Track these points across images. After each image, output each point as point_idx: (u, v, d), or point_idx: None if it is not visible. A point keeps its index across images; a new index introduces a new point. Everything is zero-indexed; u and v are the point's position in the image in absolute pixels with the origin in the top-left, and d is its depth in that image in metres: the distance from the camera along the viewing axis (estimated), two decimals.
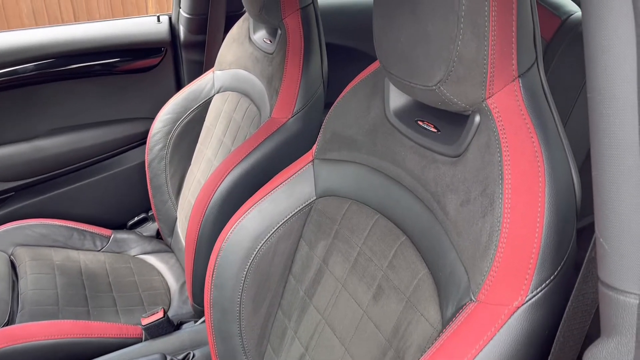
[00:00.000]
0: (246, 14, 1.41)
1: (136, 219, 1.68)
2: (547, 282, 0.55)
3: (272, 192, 0.92)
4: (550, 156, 0.57)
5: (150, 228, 1.67)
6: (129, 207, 1.69)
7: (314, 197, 0.91)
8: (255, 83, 1.32)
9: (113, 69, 1.58)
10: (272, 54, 1.26)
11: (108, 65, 1.57)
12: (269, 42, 1.31)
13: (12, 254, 1.41)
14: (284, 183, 0.92)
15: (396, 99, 0.77)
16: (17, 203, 1.57)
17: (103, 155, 1.64)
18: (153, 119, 1.67)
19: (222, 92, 1.45)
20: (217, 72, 1.47)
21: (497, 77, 0.60)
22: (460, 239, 0.62)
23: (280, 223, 0.91)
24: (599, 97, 0.43)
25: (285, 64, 1.18)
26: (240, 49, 1.40)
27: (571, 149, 0.60)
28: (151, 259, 1.56)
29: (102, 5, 3.53)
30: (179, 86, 1.69)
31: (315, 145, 0.93)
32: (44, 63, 1.50)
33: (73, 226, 1.53)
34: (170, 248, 1.59)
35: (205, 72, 1.62)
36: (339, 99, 0.88)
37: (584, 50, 0.44)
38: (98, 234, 1.56)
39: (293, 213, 0.91)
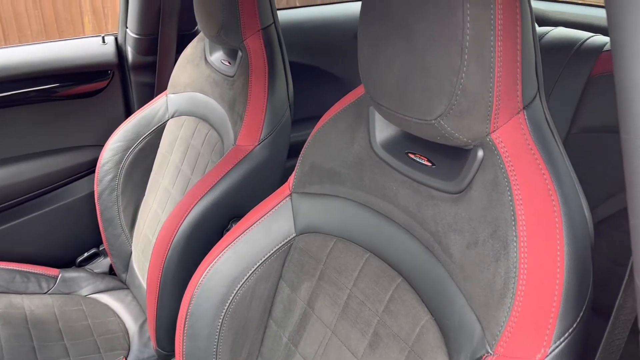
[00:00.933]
0: (200, 35, 1.33)
1: (86, 254, 1.56)
2: (569, 331, 0.51)
3: (247, 231, 0.85)
4: (563, 193, 0.54)
5: (102, 264, 1.55)
6: (77, 243, 1.56)
7: (294, 235, 0.84)
8: (215, 107, 1.24)
9: (54, 94, 1.46)
10: (232, 77, 1.18)
11: (49, 91, 1.44)
12: (228, 64, 1.24)
13: None
14: (259, 221, 0.85)
15: (383, 129, 0.72)
16: None
17: (46, 188, 1.51)
18: (101, 146, 1.56)
19: (177, 116, 1.37)
20: (171, 96, 1.38)
21: (502, 110, 0.56)
22: (469, 284, 0.58)
23: (258, 264, 0.84)
24: (637, 139, 0.39)
25: (249, 89, 1.11)
26: (196, 71, 1.31)
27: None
28: (105, 298, 1.44)
29: (34, 22, 3.33)
30: (128, 111, 1.58)
31: (291, 177, 0.86)
32: None
33: (15, 268, 1.40)
34: (125, 284, 1.47)
35: (157, 95, 1.52)
36: (317, 128, 0.82)
37: (616, 87, 0.40)
38: (44, 275, 1.42)
39: (271, 252, 0.84)
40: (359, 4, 1.88)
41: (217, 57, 1.28)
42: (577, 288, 0.52)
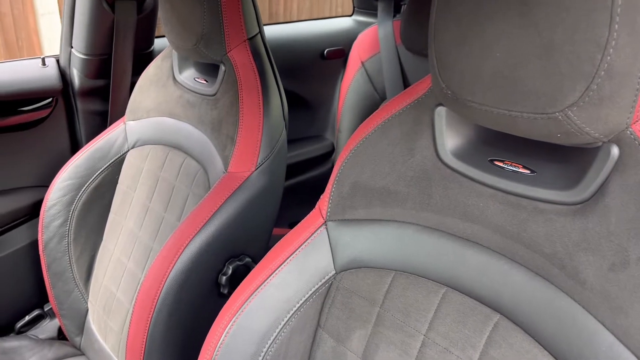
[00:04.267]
0: (165, 51, 1.16)
1: (27, 318, 1.30)
2: None
3: (276, 272, 0.69)
4: None
5: (48, 328, 1.30)
6: (16, 304, 1.30)
7: (333, 272, 0.69)
8: (191, 132, 1.07)
9: None
10: (213, 95, 1.02)
11: None
12: (204, 82, 1.07)
13: None
14: (289, 259, 0.69)
15: (455, 134, 0.59)
16: None
17: None
18: (44, 187, 1.32)
19: (139, 146, 1.17)
20: (130, 123, 1.19)
21: None
22: (621, 317, 0.45)
23: (292, 312, 0.68)
24: None
25: (240, 106, 0.96)
26: (163, 93, 1.14)
27: None
28: None
29: None
30: (75, 144, 1.36)
31: (322, 203, 0.71)
32: None
33: None
34: (79, 350, 1.23)
35: (111, 123, 1.32)
36: (355, 140, 0.68)
37: None
38: None
39: (306, 297, 0.69)
40: (326, 21, 1.80)
41: (189, 75, 1.12)
42: None
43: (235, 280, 0.95)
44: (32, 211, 1.31)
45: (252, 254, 0.97)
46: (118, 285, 1.12)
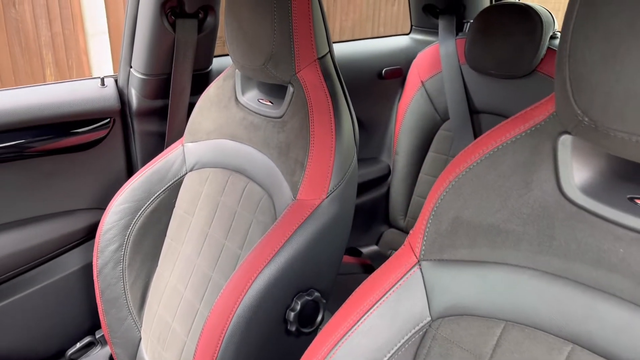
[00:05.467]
0: (227, 71, 1.12)
1: (79, 345, 1.25)
2: None
3: (363, 319, 0.62)
4: None
5: (98, 356, 1.25)
6: (68, 330, 1.26)
7: (428, 319, 0.61)
8: (255, 156, 1.02)
9: (42, 148, 1.19)
10: (280, 117, 0.97)
11: (35, 145, 1.18)
12: (269, 104, 1.02)
13: None
14: (378, 303, 0.62)
15: (583, 168, 0.52)
16: None
17: (31, 264, 1.21)
18: (98, 209, 1.29)
19: (198, 169, 1.13)
20: (189, 145, 1.15)
21: None
22: None
23: None
24: None
25: (312, 130, 0.90)
26: (224, 114, 1.09)
27: None
28: None
29: None
30: (130, 166, 1.32)
31: (414, 240, 0.64)
32: None
33: None
34: None
35: (168, 145, 1.28)
36: (455, 171, 0.61)
37: None
38: None
39: (398, 347, 0.61)
40: (383, 40, 1.75)
41: (252, 96, 1.07)
42: None
43: (304, 317, 0.88)
44: (87, 234, 1.28)
45: (320, 288, 0.90)
46: (174, 315, 1.07)
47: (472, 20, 1.46)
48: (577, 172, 0.52)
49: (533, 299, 0.54)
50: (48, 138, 1.20)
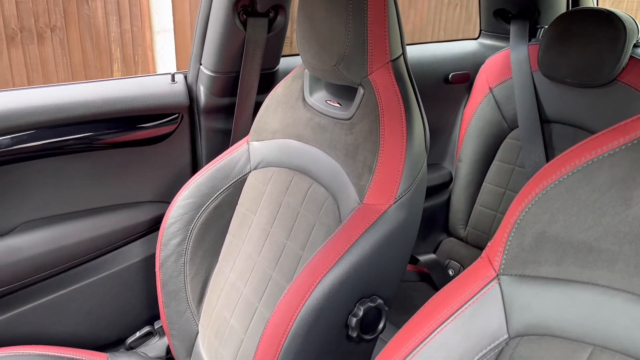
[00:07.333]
0: (296, 72, 1.12)
1: (138, 334, 1.28)
2: None
3: (436, 333, 0.59)
4: None
5: (157, 346, 1.28)
6: (128, 319, 1.29)
7: (505, 337, 0.58)
8: (320, 157, 1.01)
9: (111, 141, 1.22)
10: (348, 119, 0.96)
11: (106, 137, 1.21)
12: (337, 105, 1.01)
13: None
14: (452, 317, 0.60)
15: None
16: None
17: (95, 253, 1.25)
18: (161, 202, 1.31)
19: (261, 168, 1.13)
20: (254, 143, 1.15)
21: None
22: None
23: None
24: None
25: (381, 133, 0.88)
26: (291, 114, 1.09)
27: None
28: None
29: (62, 69, 3.17)
30: (195, 161, 1.34)
31: (493, 252, 0.61)
32: (19, 136, 1.13)
33: (55, 353, 1.12)
34: None
35: (233, 143, 1.29)
36: (543, 182, 0.58)
37: None
38: None
39: None
40: (450, 44, 1.71)
41: (320, 97, 1.06)
42: None
43: (365, 323, 0.86)
44: (150, 226, 1.30)
45: (383, 295, 0.88)
46: (232, 311, 1.07)
47: (546, 26, 1.40)
48: None
49: (626, 324, 0.50)
50: (118, 131, 1.23)
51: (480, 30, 1.74)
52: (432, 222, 1.65)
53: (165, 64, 3.42)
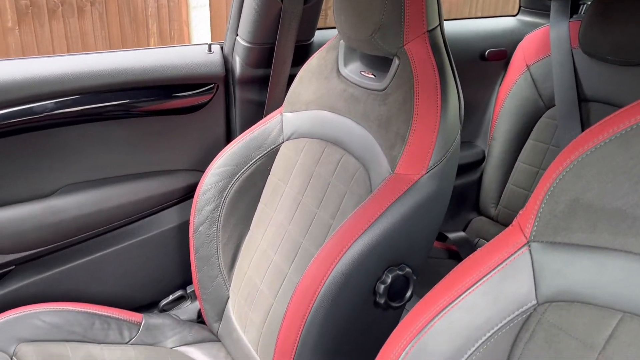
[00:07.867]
0: (331, 43, 1.12)
1: (171, 297, 1.33)
2: None
3: (465, 295, 0.60)
4: None
5: (188, 310, 1.32)
6: (162, 283, 1.34)
7: (534, 302, 0.59)
8: (353, 128, 1.02)
9: (149, 109, 1.25)
10: (382, 90, 0.96)
11: (144, 105, 1.25)
12: (371, 76, 1.01)
13: (14, 355, 1.04)
14: (482, 281, 0.60)
15: None
16: (18, 281, 1.20)
17: (131, 217, 1.29)
18: (195, 171, 1.34)
19: (294, 138, 1.14)
20: (287, 114, 1.17)
21: None
22: None
23: (480, 342, 0.59)
24: None
25: (415, 103, 0.88)
26: (324, 86, 1.10)
27: None
28: (194, 353, 1.20)
29: (100, 42, 3.23)
30: (229, 132, 1.37)
31: (525, 219, 0.62)
32: (63, 101, 1.17)
33: (94, 311, 1.17)
34: (216, 336, 1.23)
35: (267, 114, 1.31)
36: (578, 149, 0.57)
37: None
38: (125, 321, 1.20)
39: (499, 327, 0.59)
40: (488, 20, 1.68)
41: (354, 68, 1.07)
42: None
43: (393, 291, 0.88)
44: (185, 194, 1.34)
45: (412, 264, 0.89)
46: (262, 277, 1.10)
47: (589, 2, 1.37)
48: None
49: None
50: (156, 99, 1.26)
51: (520, 6, 1.70)
52: (463, 200, 1.65)
53: (200, 40, 3.45)
